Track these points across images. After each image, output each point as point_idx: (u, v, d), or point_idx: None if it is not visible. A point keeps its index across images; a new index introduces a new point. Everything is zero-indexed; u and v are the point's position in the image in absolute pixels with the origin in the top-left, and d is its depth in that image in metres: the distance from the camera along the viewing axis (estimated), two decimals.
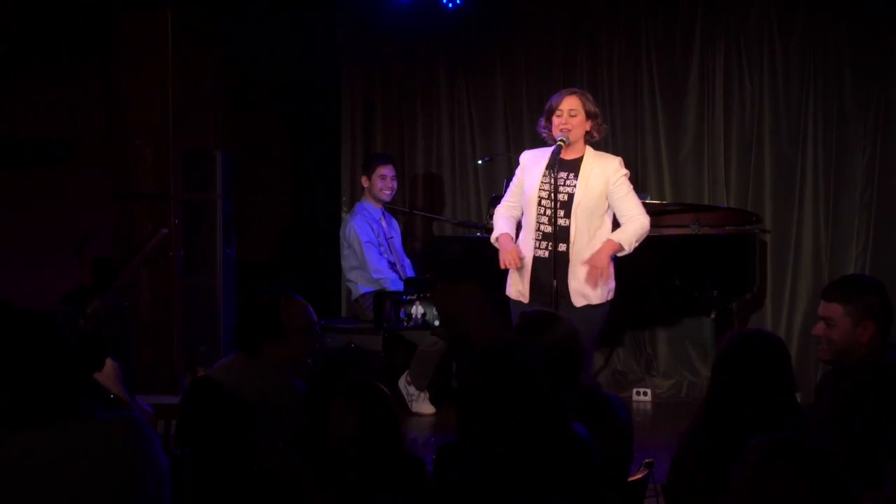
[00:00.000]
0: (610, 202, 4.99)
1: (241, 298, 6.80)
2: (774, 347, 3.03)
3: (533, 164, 5.08)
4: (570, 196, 4.94)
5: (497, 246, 5.07)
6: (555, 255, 4.90)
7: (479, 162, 7.36)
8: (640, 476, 3.28)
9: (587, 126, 5.02)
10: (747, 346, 3.01)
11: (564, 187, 4.94)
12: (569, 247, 4.92)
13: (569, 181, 4.97)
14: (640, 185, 7.08)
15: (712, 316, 6.51)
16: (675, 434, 3.22)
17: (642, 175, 7.21)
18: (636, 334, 7.39)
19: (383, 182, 6.94)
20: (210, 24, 7.25)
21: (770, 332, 3.44)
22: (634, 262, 5.10)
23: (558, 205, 4.90)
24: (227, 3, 7.30)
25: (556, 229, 4.90)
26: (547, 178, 4.97)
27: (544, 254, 4.98)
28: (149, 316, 6.77)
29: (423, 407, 6.61)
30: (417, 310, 6.27)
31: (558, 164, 4.91)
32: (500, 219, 5.15)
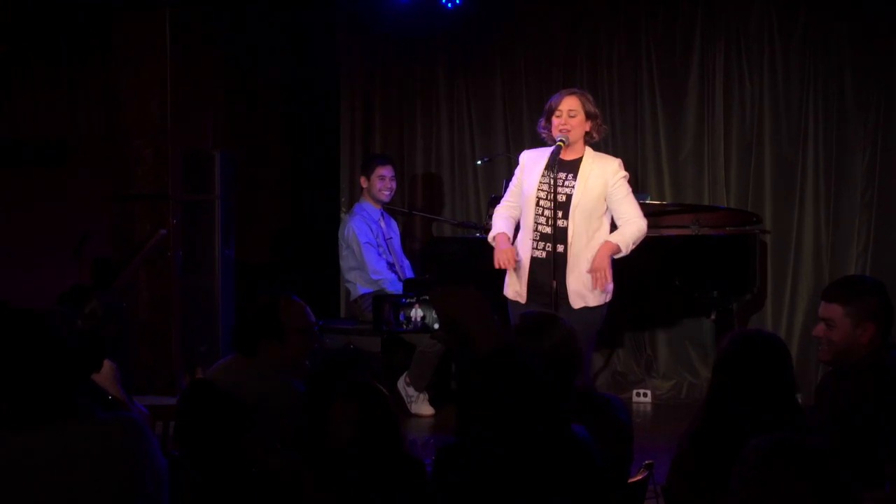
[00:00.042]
0: (608, 204, 4.96)
1: (239, 299, 6.79)
2: (775, 348, 3.02)
3: (532, 164, 5.06)
4: (569, 197, 4.91)
5: (493, 245, 5.06)
6: (554, 255, 4.88)
7: (479, 162, 7.34)
8: (640, 477, 3.27)
9: (587, 127, 5.00)
10: (748, 347, 3.01)
11: (563, 188, 4.91)
12: (566, 248, 4.89)
13: (567, 182, 4.94)
14: (640, 185, 7.07)
15: (712, 317, 6.49)
16: (675, 435, 3.22)
17: (642, 175, 7.19)
18: (636, 335, 7.37)
19: (382, 182, 6.92)
20: (209, 25, 7.24)
21: (771, 332, 3.44)
22: (634, 262, 5.08)
23: (556, 205, 4.89)
24: (227, 4, 7.29)
25: (555, 230, 4.89)
26: (545, 178, 4.95)
27: (542, 254, 4.96)
28: (147, 316, 6.76)
29: (423, 408, 6.60)
30: (417, 313, 6.25)
31: (557, 165, 4.90)
32: (499, 218, 5.14)
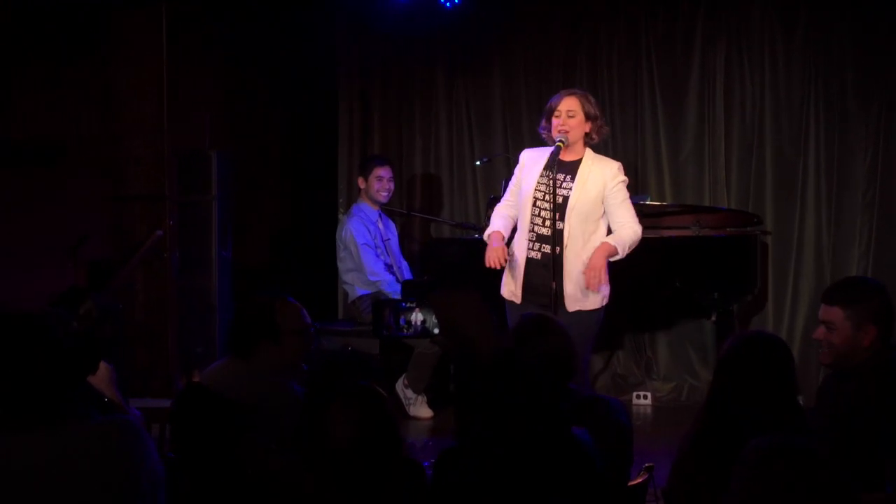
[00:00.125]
0: (605, 207, 4.94)
1: (237, 300, 6.76)
2: (777, 350, 3.01)
3: (532, 164, 5.04)
4: (566, 199, 4.89)
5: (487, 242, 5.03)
6: (553, 256, 4.85)
7: (478, 163, 7.32)
8: (640, 480, 3.26)
9: (586, 128, 4.97)
10: (750, 349, 3.00)
11: (560, 189, 4.89)
12: (562, 250, 4.86)
13: (565, 183, 4.92)
14: (641, 185, 7.06)
15: (713, 318, 6.46)
16: (675, 438, 3.20)
17: (642, 176, 7.17)
18: (636, 337, 7.35)
19: (380, 183, 6.90)
20: (207, 24, 7.23)
21: (773, 334, 3.42)
22: (634, 264, 5.06)
23: (553, 206, 4.86)
24: (224, 3, 7.26)
25: (554, 231, 4.86)
26: (544, 178, 4.93)
27: (537, 255, 4.94)
28: (144, 318, 6.75)
29: (421, 410, 6.58)
30: (417, 317, 6.24)
31: (557, 166, 4.87)
32: (497, 217, 5.12)
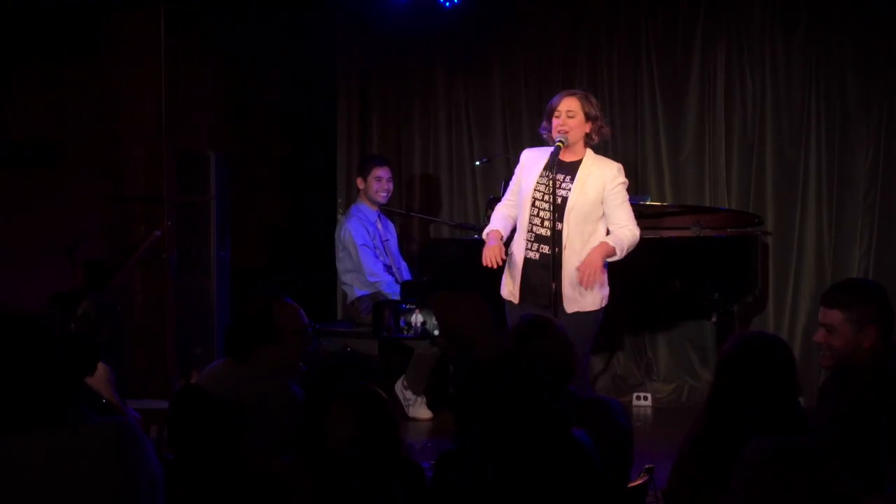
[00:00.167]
0: (604, 208, 4.92)
1: (235, 301, 6.74)
2: (778, 351, 3.01)
3: (532, 164, 5.03)
4: (564, 200, 4.88)
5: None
6: (553, 257, 4.83)
7: (477, 163, 7.30)
8: (640, 482, 3.26)
9: (586, 128, 4.96)
10: (750, 350, 3.00)
11: (560, 190, 4.87)
12: (560, 251, 4.84)
13: (564, 184, 4.90)
14: (641, 185, 7.04)
15: (713, 319, 6.44)
16: (675, 439, 3.20)
17: (642, 176, 7.16)
18: (636, 338, 7.33)
19: (379, 184, 6.89)
20: (206, 24, 7.21)
21: (774, 334, 3.41)
22: (634, 264, 5.06)
23: (553, 207, 4.84)
24: (224, 3, 7.25)
25: (553, 232, 4.84)
26: (543, 178, 4.91)
27: (535, 255, 4.93)
28: (142, 319, 6.74)
29: (420, 412, 6.57)
30: (417, 318, 6.22)
31: (556, 166, 4.85)
32: (497, 216, 5.11)
